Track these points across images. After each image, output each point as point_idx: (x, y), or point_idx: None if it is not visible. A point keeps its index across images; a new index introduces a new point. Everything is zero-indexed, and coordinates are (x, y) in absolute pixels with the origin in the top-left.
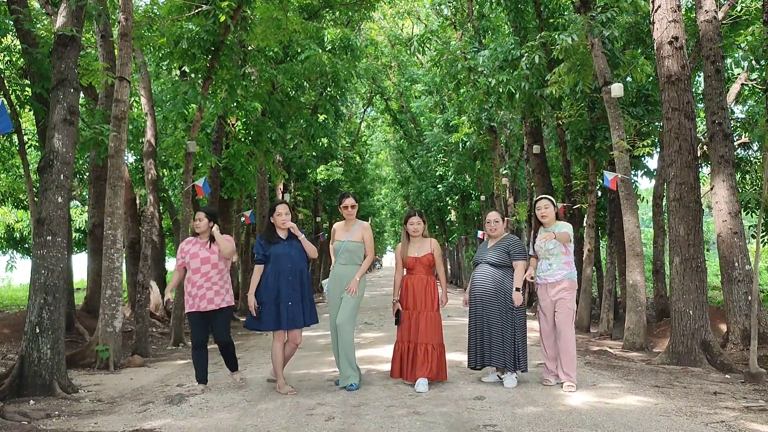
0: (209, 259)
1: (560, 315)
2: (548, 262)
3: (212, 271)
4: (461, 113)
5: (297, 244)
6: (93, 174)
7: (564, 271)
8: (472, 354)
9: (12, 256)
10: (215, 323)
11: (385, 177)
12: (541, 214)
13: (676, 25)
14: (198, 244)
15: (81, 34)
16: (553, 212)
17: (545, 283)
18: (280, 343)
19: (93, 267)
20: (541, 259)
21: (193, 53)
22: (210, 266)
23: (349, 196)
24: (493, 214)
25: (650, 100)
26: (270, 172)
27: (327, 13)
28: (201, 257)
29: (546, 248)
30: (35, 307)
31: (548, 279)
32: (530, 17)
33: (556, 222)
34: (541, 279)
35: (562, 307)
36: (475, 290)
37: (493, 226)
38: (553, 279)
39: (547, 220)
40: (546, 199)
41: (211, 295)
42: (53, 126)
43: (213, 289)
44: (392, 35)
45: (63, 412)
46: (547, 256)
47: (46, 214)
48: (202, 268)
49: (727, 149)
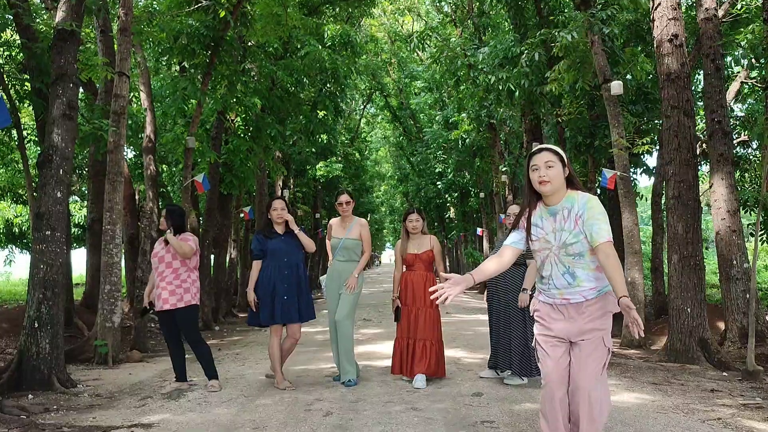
0: (164, 258)
1: (587, 360)
2: (565, 268)
3: (166, 270)
4: (461, 110)
5: (294, 239)
6: (92, 169)
7: (593, 283)
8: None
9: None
10: (179, 324)
11: (384, 174)
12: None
13: (676, 23)
14: (161, 244)
15: (80, 29)
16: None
17: (561, 304)
18: (277, 338)
19: (92, 262)
20: (545, 261)
21: (193, 49)
22: (164, 265)
23: (345, 193)
24: (514, 208)
25: (650, 97)
26: (269, 168)
27: (327, 9)
28: (158, 256)
29: (560, 241)
30: (34, 302)
31: (569, 297)
32: (530, 14)
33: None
34: (551, 296)
35: (592, 346)
36: (488, 288)
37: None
38: (576, 297)
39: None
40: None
41: (165, 295)
42: (52, 121)
43: (167, 289)
44: (392, 32)
45: (61, 406)
46: (562, 257)
47: (45, 209)
48: (159, 267)
49: (726, 147)
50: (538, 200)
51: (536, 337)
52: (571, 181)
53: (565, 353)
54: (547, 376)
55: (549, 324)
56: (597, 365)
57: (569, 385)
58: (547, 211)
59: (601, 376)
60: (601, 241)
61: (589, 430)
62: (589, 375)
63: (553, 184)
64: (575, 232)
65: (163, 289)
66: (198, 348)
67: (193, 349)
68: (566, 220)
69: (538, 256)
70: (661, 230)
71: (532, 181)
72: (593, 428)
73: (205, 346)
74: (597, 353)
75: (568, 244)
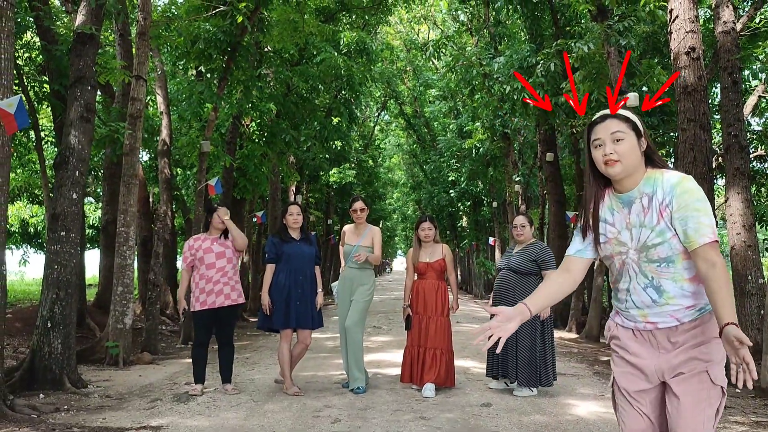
0: (224, 253)
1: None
2: (648, 280)
3: (228, 266)
4: (475, 119)
5: (308, 245)
6: (107, 171)
7: (689, 300)
8: (490, 361)
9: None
10: (223, 322)
11: (397, 181)
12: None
13: (693, 36)
14: (208, 240)
15: (100, 33)
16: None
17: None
18: (287, 344)
19: (105, 263)
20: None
21: (210, 53)
22: (225, 260)
23: (359, 200)
24: (520, 219)
25: (666, 110)
26: (283, 173)
27: (343, 16)
28: (215, 252)
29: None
30: (47, 302)
31: (655, 321)
32: (547, 25)
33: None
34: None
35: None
36: (497, 296)
37: (519, 231)
38: (666, 322)
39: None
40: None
41: (227, 291)
42: (70, 123)
43: (229, 284)
44: (408, 40)
45: (72, 406)
46: (643, 264)
47: (60, 209)
48: (218, 263)
49: (742, 161)
50: (606, 187)
51: (613, 377)
52: (650, 158)
53: (656, 402)
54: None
55: (630, 358)
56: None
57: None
58: (619, 201)
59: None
60: (702, 242)
61: None
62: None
63: (624, 163)
64: (660, 229)
65: (225, 285)
66: (231, 347)
67: (227, 348)
68: (646, 211)
69: (611, 263)
70: None
71: (596, 161)
72: None
73: (234, 349)
74: (702, 395)
75: (651, 246)
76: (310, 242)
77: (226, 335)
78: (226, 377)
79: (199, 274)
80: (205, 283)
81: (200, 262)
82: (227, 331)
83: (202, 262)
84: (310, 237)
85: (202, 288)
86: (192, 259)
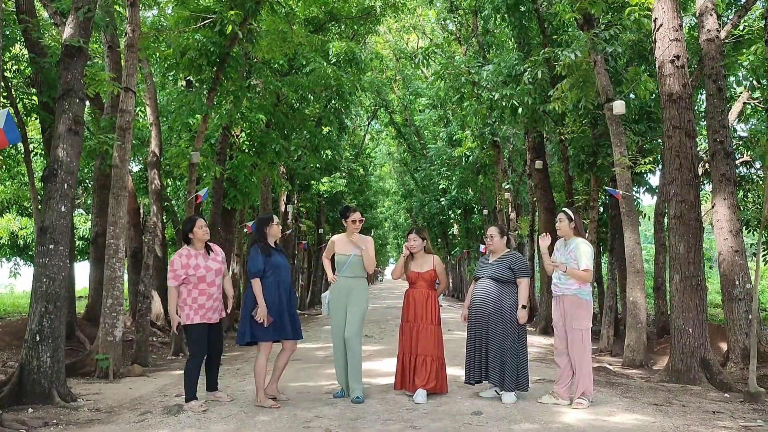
0: (220, 270)
1: (569, 334)
2: (561, 273)
3: (219, 281)
4: (465, 127)
5: (284, 256)
6: (97, 183)
7: (574, 286)
8: (469, 369)
9: (16, 263)
10: (219, 336)
11: (388, 189)
12: (557, 227)
13: (677, 44)
14: (200, 256)
15: (88, 46)
16: (566, 226)
17: (555, 296)
18: (266, 357)
19: (95, 276)
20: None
21: (199, 64)
22: (221, 277)
23: (357, 211)
24: (491, 229)
25: (653, 117)
26: (274, 183)
27: (333, 26)
28: (214, 269)
29: (563, 260)
30: (36, 315)
31: (556, 291)
32: (534, 33)
33: (573, 237)
34: (554, 289)
35: (569, 327)
36: (475, 305)
37: (489, 241)
38: (560, 293)
39: (560, 233)
40: (561, 213)
41: (220, 306)
42: (58, 136)
43: (220, 299)
44: (397, 49)
45: (61, 420)
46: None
47: (49, 222)
48: (217, 279)
49: (728, 167)
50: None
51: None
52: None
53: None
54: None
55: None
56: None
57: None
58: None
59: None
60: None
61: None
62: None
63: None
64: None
65: (217, 300)
66: (220, 358)
67: (219, 360)
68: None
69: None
70: (663, 249)
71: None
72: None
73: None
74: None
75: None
76: (284, 253)
77: (220, 349)
78: (214, 385)
79: (198, 290)
80: (206, 299)
81: (200, 280)
82: (221, 345)
83: (203, 280)
84: (282, 248)
85: (201, 304)
86: (186, 276)
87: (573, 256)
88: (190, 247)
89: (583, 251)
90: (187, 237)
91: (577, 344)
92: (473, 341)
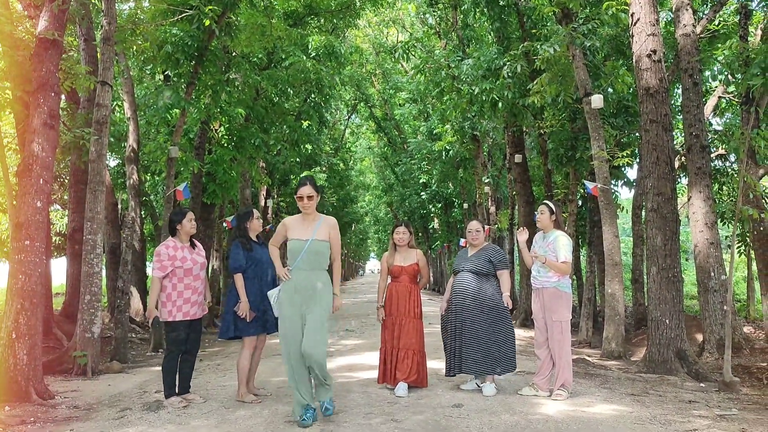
0: (204, 264)
1: (549, 326)
2: (540, 266)
3: (204, 276)
4: (444, 121)
5: (265, 248)
6: (74, 177)
7: (554, 278)
8: (449, 361)
9: None
10: (197, 332)
11: (368, 184)
12: (537, 219)
13: (654, 39)
14: (186, 248)
15: (63, 39)
16: (547, 218)
17: (535, 288)
18: (251, 351)
19: (72, 271)
20: (535, 261)
21: (177, 58)
22: (204, 271)
23: (307, 183)
24: (475, 224)
25: (630, 111)
26: (253, 177)
27: (312, 20)
28: (200, 263)
29: (542, 252)
30: (12, 312)
31: (536, 284)
32: (513, 28)
33: (553, 230)
34: (533, 282)
35: (549, 319)
36: (456, 297)
37: (475, 236)
38: (539, 285)
39: (541, 225)
40: (543, 205)
41: (202, 300)
42: (33, 130)
43: (203, 294)
44: (377, 43)
45: (39, 418)
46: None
47: (24, 218)
48: (201, 273)
49: (704, 161)
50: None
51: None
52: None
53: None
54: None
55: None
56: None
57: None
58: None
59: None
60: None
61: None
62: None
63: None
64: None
65: (200, 295)
66: (196, 354)
67: (193, 358)
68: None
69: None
70: (641, 242)
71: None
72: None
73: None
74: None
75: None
76: (266, 246)
77: (197, 345)
78: (188, 387)
79: (183, 283)
80: (191, 293)
81: (186, 273)
82: (198, 342)
83: (189, 273)
84: (264, 241)
85: (186, 298)
86: (172, 268)
87: (552, 248)
88: (176, 239)
89: (562, 243)
90: (174, 228)
91: (557, 336)
92: (452, 334)
